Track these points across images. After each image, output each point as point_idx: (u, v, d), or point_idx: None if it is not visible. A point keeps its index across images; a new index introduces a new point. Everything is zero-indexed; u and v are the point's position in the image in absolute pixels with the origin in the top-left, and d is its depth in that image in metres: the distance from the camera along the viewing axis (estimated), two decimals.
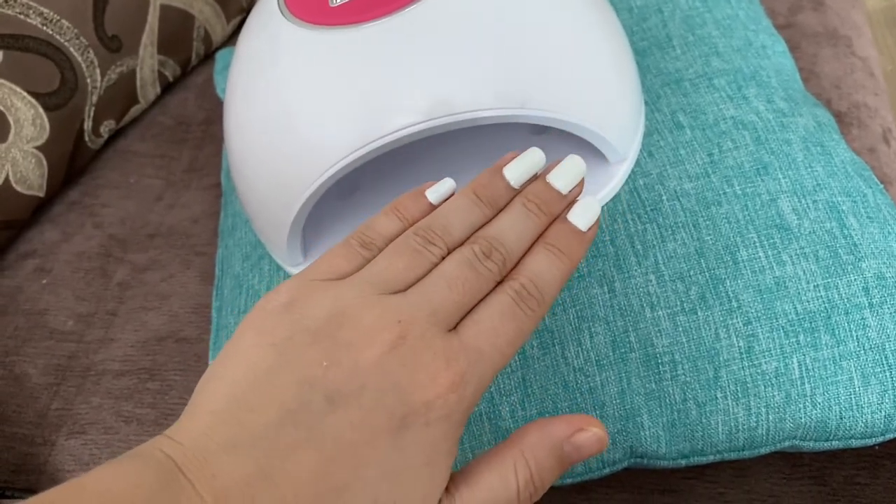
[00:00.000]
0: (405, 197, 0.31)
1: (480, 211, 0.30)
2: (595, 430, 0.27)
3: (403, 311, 0.26)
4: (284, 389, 0.25)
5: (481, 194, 0.30)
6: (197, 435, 0.24)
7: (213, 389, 0.26)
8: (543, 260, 0.29)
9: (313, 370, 0.25)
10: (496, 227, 0.29)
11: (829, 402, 0.37)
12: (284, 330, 0.26)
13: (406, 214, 0.31)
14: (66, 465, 0.49)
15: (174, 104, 0.71)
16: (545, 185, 0.31)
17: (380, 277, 0.28)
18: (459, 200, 0.30)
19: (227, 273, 0.50)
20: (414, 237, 0.29)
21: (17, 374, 0.54)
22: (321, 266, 0.29)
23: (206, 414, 0.25)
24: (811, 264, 0.39)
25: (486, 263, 0.28)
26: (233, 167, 0.43)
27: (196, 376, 0.51)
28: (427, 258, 0.28)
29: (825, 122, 0.45)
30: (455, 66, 0.35)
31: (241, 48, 0.41)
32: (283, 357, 0.25)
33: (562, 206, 0.31)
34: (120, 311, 0.56)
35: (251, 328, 0.27)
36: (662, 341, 0.38)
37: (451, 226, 0.29)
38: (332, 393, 0.25)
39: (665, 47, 0.49)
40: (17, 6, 0.55)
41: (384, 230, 0.30)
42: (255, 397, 0.25)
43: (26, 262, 0.61)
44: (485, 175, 0.31)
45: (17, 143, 0.57)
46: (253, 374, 0.25)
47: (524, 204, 0.30)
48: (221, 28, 0.73)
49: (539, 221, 0.30)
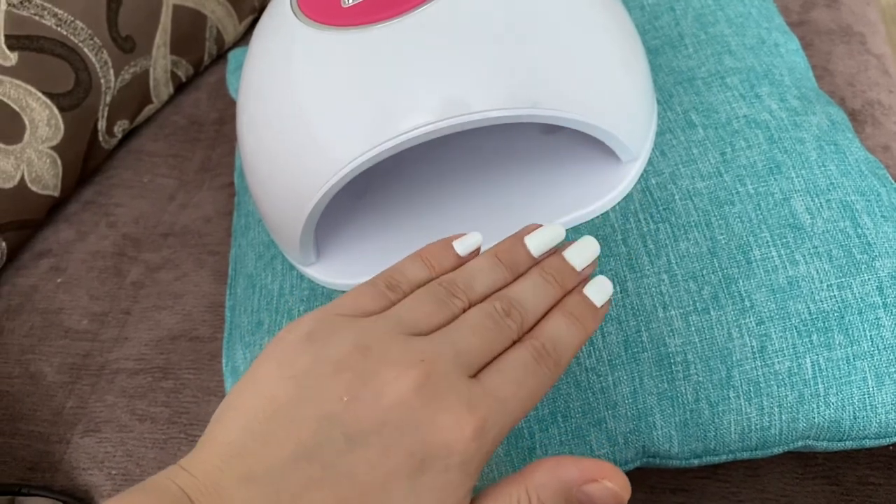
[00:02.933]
0: (433, 245, 0.32)
1: (501, 273, 0.31)
2: (610, 485, 0.26)
3: (428, 351, 0.26)
4: (302, 424, 0.24)
5: (503, 258, 0.31)
6: (211, 468, 0.24)
7: (229, 420, 0.25)
8: (562, 324, 0.29)
9: (333, 405, 0.25)
10: (515, 290, 0.30)
11: (843, 402, 0.37)
12: (305, 362, 0.26)
13: (433, 262, 0.31)
14: (82, 462, 0.50)
15: (187, 104, 0.72)
16: (562, 260, 0.31)
17: (405, 318, 0.28)
18: (483, 261, 0.31)
19: (241, 272, 0.50)
20: (438, 287, 0.29)
21: (33, 372, 0.54)
22: (346, 302, 0.29)
23: (222, 445, 0.25)
24: (824, 264, 0.38)
25: (505, 320, 0.28)
26: (246, 167, 0.43)
27: (209, 375, 0.52)
28: (450, 308, 0.29)
29: (838, 121, 0.45)
30: (467, 67, 0.35)
31: (255, 49, 0.41)
32: (302, 390, 0.25)
33: (575, 282, 0.31)
34: (134, 310, 0.57)
35: (271, 359, 0.26)
36: (675, 341, 0.38)
37: (475, 282, 0.30)
38: (351, 430, 0.24)
39: (677, 46, 0.49)
40: (32, 7, 0.55)
41: (411, 275, 0.31)
42: (271, 431, 0.24)
43: (41, 261, 0.61)
44: (507, 241, 0.32)
45: (33, 144, 0.58)
46: (271, 407, 0.25)
47: (541, 273, 0.31)
48: (234, 28, 0.73)
49: (555, 291, 0.30)
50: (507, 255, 0.31)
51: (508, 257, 0.31)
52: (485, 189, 0.45)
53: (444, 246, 0.32)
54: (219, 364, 0.52)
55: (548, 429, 0.39)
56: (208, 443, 0.25)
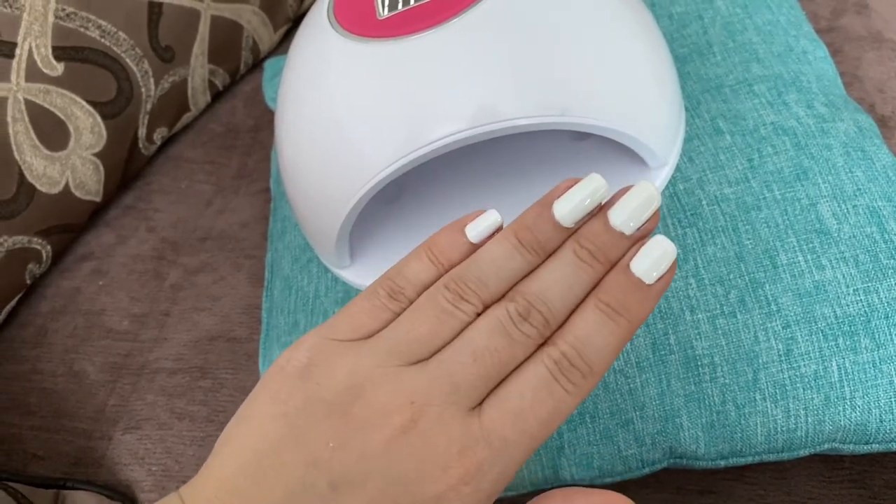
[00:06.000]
0: (441, 233, 0.28)
1: (522, 258, 0.26)
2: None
3: (419, 390, 0.24)
4: (290, 469, 0.23)
5: (524, 238, 0.26)
6: (205, 503, 0.24)
7: (226, 455, 0.25)
8: (593, 321, 0.25)
9: (320, 451, 0.24)
10: (539, 281, 0.26)
11: (869, 405, 0.37)
12: (298, 399, 0.25)
13: (440, 257, 0.28)
14: (123, 458, 0.51)
15: (224, 112, 0.73)
16: (604, 225, 0.26)
17: (400, 343, 0.25)
18: (498, 247, 0.27)
19: (277, 275, 0.51)
20: (444, 292, 0.26)
21: (77, 371, 0.56)
22: (343, 323, 0.27)
23: (217, 480, 0.24)
24: (851, 268, 0.39)
25: (521, 328, 0.25)
26: (283, 173, 0.44)
27: (246, 375, 0.53)
28: (457, 318, 0.26)
29: (866, 127, 0.45)
30: (497, 76, 0.36)
31: (292, 60, 0.43)
32: (293, 430, 0.24)
33: (623, 250, 0.26)
34: (173, 312, 0.58)
35: (266, 391, 0.25)
36: (702, 344, 0.39)
37: (488, 276, 0.26)
38: (336, 479, 0.23)
39: (705, 54, 0.49)
40: (78, 20, 0.57)
41: (415, 277, 0.27)
42: (261, 472, 0.24)
43: (84, 264, 0.63)
44: (531, 212, 0.27)
45: (77, 151, 0.60)
46: (263, 446, 0.24)
47: (575, 251, 0.26)
48: (269, 37, 0.75)
49: (593, 272, 0.25)
50: (528, 234, 0.26)
51: (531, 237, 0.26)
52: (516, 193, 0.46)
53: (454, 233, 0.28)
54: (255, 364, 0.53)
55: (576, 429, 0.39)
56: (206, 475, 0.25)
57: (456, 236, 0.28)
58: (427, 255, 0.28)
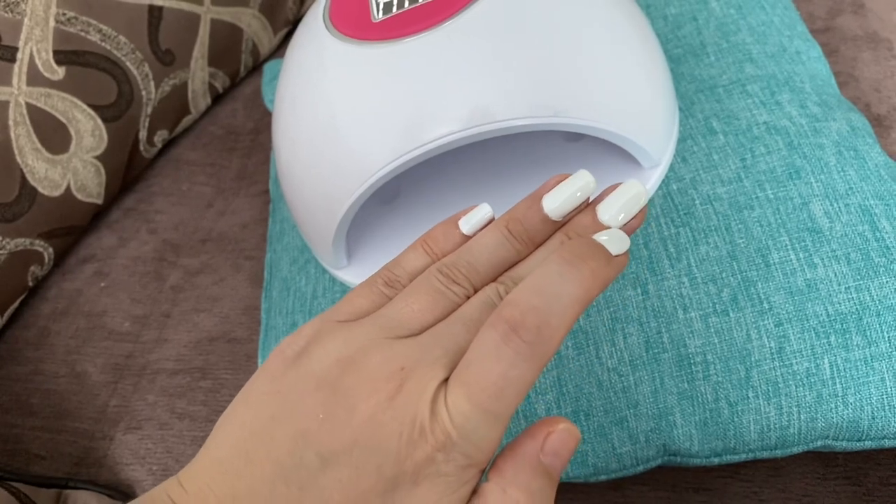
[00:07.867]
0: (436, 228, 0.29)
1: (512, 247, 0.27)
2: (561, 426, 0.24)
3: (409, 357, 0.24)
4: (281, 443, 0.24)
5: (514, 229, 0.28)
6: (202, 485, 0.24)
7: (221, 435, 0.25)
8: (553, 272, 0.24)
9: (309, 423, 0.24)
10: (527, 268, 0.27)
11: (861, 402, 0.38)
12: (292, 377, 0.25)
13: (435, 249, 0.29)
14: (125, 458, 0.52)
15: (224, 114, 0.74)
16: (593, 219, 0.27)
17: (393, 319, 0.26)
18: (490, 235, 0.28)
19: (276, 276, 0.52)
20: (437, 275, 0.27)
21: (79, 372, 0.57)
22: (343, 306, 0.27)
23: (213, 461, 0.25)
24: (843, 266, 0.39)
25: None
26: (281, 175, 0.45)
27: (246, 376, 0.54)
28: (449, 298, 0.26)
29: (859, 127, 0.45)
30: (491, 78, 0.36)
31: (289, 62, 0.43)
32: (284, 406, 0.24)
33: None
34: (173, 313, 0.59)
35: (266, 373, 0.26)
36: (695, 342, 0.39)
37: (478, 262, 0.27)
38: (325, 450, 0.23)
39: (699, 54, 0.50)
40: (79, 24, 0.58)
41: (411, 267, 0.29)
42: (254, 449, 0.24)
43: (85, 266, 0.64)
44: (522, 205, 0.28)
45: (78, 153, 0.61)
46: (256, 424, 0.24)
47: (563, 242, 0.27)
48: (268, 40, 0.75)
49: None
50: (518, 225, 0.28)
51: (520, 228, 0.27)
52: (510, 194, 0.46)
53: (449, 227, 0.29)
54: (255, 364, 0.54)
55: None
56: (203, 456, 0.25)
57: (450, 229, 0.29)
58: (423, 247, 0.29)
